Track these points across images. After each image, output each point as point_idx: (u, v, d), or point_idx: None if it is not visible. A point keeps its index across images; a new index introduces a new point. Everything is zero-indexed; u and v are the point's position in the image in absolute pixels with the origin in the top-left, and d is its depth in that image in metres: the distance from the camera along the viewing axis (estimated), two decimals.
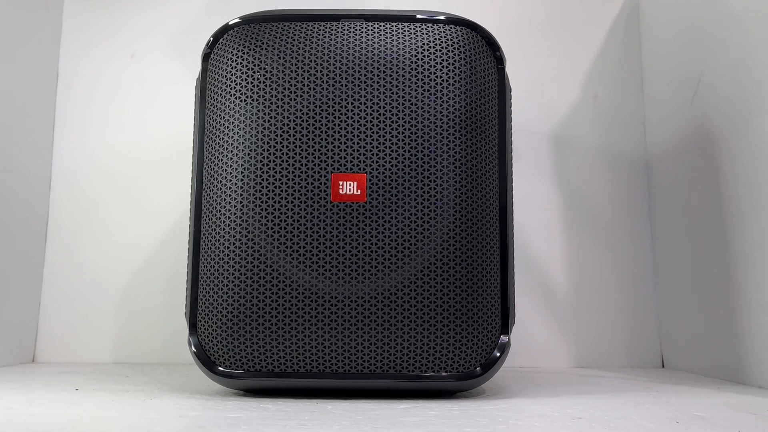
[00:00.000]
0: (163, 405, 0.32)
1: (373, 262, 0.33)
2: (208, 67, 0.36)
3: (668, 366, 0.53)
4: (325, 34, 0.35)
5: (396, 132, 0.34)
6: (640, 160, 0.56)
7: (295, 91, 0.34)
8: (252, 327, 0.33)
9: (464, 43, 0.36)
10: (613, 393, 0.37)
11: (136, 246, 0.54)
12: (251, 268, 0.33)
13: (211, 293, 0.34)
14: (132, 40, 0.57)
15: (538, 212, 0.55)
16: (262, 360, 0.33)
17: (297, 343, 0.33)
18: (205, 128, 0.36)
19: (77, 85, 0.56)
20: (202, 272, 0.34)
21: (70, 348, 0.53)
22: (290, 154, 0.34)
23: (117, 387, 0.38)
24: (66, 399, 0.34)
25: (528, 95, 0.56)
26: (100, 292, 0.53)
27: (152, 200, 0.55)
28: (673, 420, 0.29)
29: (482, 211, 0.35)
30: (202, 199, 0.35)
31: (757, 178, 0.40)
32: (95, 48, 0.56)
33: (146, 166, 0.55)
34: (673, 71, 0.52)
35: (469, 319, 0.33)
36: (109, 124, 0.56)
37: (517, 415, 0.30)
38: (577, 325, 0.54)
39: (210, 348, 0.34)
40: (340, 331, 0.33)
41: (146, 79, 0.56)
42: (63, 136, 0.55)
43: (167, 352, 0.52)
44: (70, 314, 0.53)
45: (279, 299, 0.33)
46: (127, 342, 0.53)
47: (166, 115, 0.56)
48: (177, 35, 0.57)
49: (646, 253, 0.55)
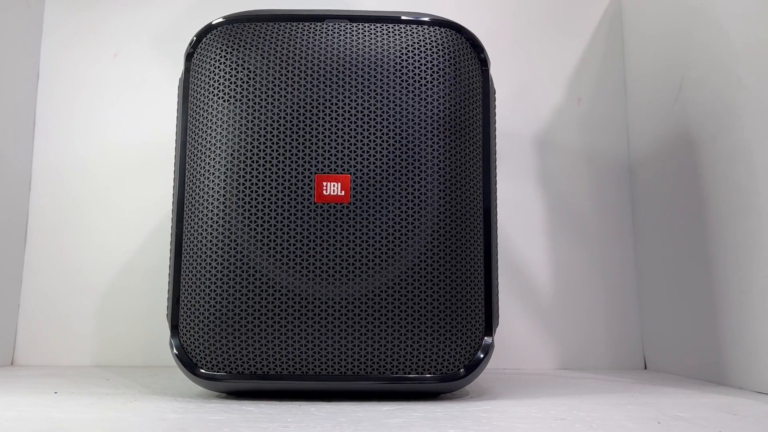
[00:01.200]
0: (143, 408, 0.32)
1: (357, 263, 0.33)
2: (191, 67, 0.36)
3: (651, 368, 0.53)
4: (309, 35, 0.35)
5: (380, 133, 0.34)
6: (623, 163, 0.56)
7: (278, 91, 0.34)
8: (234, 329, 0.33)
9: (448, 44, 0.36)
10: (595, 394, 0.37)
11: (117, 247, 0.54)
12: (234, 269, 0.33)
13: (194, 295, 0.34)
14: (115, 40, 0.56)
15: (521, 214, 0.55)
16: (245, 362, 0.33)
17: (280, 345, 0.33)
18: (187, 129, 0.36)
19: (58, 85, 0.55)
20: (185, 274, 0.34)
21: (50, 351, 0.52)
22: (273, 155, 0.34)
23: (97, 390, 0.37)
24: (44, 402, 0.33)
25: (512, 98, 0.56)
26: (80, 294, 0.53)
27: (134, 201, 0.54)
28: (654, 420, 0.29)
29: (466, 212, 0.35)
30: (185, 200, 0.35)
31: (737, 180, 0.41)
32: (77, 47, 0.56)
33: (128, 167, 0.55)
34: (656, 75, 0.52)
35: (452, 320, 0.33)
36: (91, 125, 0.55)
37: (501, 416, 0.30)
38: (560, 327, 0.54)
39: (192, 350, 0.33)
40: (323, 333, 0.33)
41: (129, 79, 0.56)
42: (44, 136, 0.55)
43: (149, 355, 0.52)
44: (50, 316, 0.52)
45: (262, 301, 0.33)
46: (108, 345, 0.52)
47: (149, 115, 0.55)
48: (160, 35, 0.56)
49: (629, 255, 0.55)
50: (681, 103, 0.48)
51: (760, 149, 0.39)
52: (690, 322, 0.46)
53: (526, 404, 0.33)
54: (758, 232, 0.39)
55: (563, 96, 0.57)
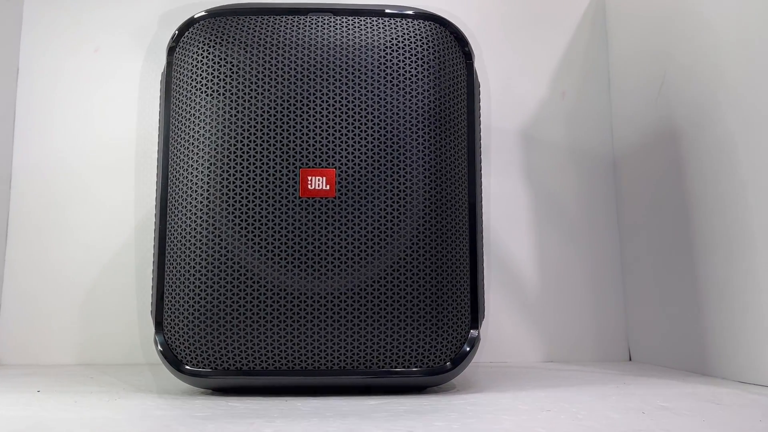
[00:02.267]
0: (128, 405, 0.31)
1: (342, 257, 0.33)
2: (173, 61, 0.36)
3: (635, 359, 0.54)
4: (292, 28, 0.35)
5: (365, 127, 0.34)
6: (607, 157, 0.57)
7: (262, 85, 0.34)
8: (219, 325, 0.33)
9: (433, 38, 0.36)
10: (581, 386, 0.37)
11: (100, 245, 0.53)
12: (218, 264, 0.33)
13: (178, 291, 0.33)
14: (95, 34, 0.55)
15: (506, 208, 0.55)
16: (230, 358, 0.33)
17: (265, 340, 0.33)
18: (170, 123, 0.35)
19: (39, 80, 0.55)
20: (168, 270, 0.34)
21: (33, 350, 0.51)
22: (258, 149, 0.34)
23: (81, 388, 0.37)
24: (27, 401, 0.33)
25: (496, 91, 0.56)
26: (63, 292, 0.52)
27: (117, 197, 0.53)
28: (639, 411, 0.29)
29: (452, 207, 0.34)
30: (168, 196, 0.35)
31: (721, 173, 0.41)
32: (57, 42, 0.55)
33: (111, 163, 0.54)
34: (640, 68, 0.52)
35: (438, 314, 0.33)
36: (73, 120, 0.54)
37: (487, 408, 0.30)
38: (546, 320, 0.54)
39: (177, 346, 0.33)
40: (309, 328, 0.33)
41: (110, 74, 0.55)
42: (24, 133, 0.54)
43: (133, 353, 0.51)
44: (32, 315, 0.52)
45: (247, 296, 0.33)
46: (92, 343, 0.52)
47: (131, 110, 0.55)
48: (141, 28, 0.56)
49: (613, 248, 0.55)
50: (664, 96, 0.48)
51: (743, 142, 0.39)
52: (674, 314, 0.47)
53: (512, 397, 0.34)
54: (741, 224, 0.39)
55: (547, 90, 0.57)
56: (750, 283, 0.38)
